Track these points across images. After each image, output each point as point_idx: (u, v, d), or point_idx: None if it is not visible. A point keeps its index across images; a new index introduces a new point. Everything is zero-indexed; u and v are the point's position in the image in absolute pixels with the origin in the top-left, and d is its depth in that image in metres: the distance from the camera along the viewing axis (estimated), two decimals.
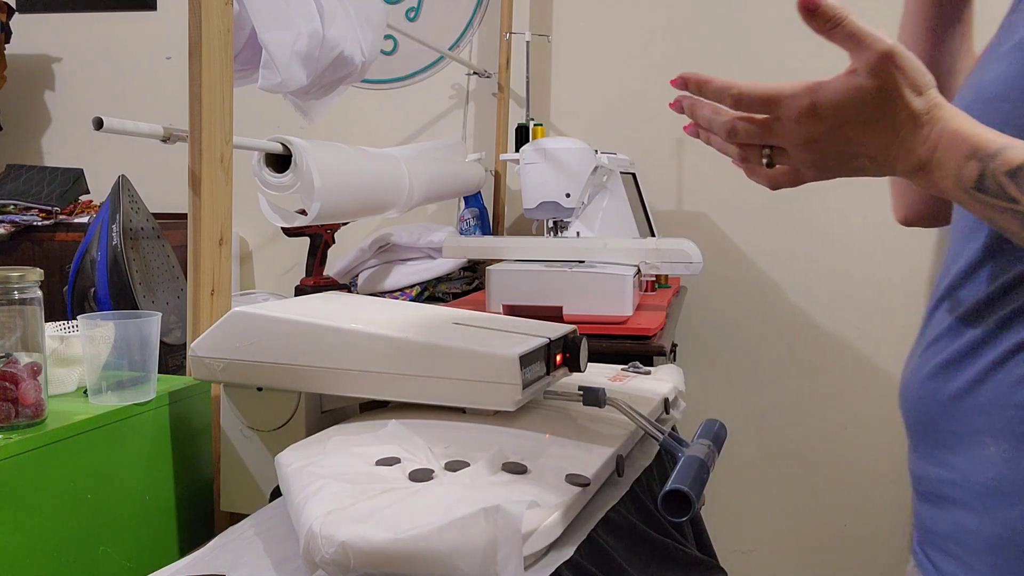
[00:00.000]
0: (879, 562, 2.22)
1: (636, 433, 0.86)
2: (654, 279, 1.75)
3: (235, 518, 0.91)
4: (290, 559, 0.67)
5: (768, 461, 2.27)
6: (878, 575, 2.22)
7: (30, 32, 2.65)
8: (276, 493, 0.81)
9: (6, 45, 2.56)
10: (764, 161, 0.60)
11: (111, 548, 0.85)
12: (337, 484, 0.65)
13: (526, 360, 0.80)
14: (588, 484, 0.70)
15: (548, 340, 0.86)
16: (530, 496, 0.62)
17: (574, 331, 0.93)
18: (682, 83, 0.61)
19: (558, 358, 0.88)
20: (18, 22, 2.60)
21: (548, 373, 0.86)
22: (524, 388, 0.79)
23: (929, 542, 0.67)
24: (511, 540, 0.57)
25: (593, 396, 0.84)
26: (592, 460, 0.75)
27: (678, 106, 0.63)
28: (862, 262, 2.16)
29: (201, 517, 0.98)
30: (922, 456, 0.68)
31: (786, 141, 0.58)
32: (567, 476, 0.70)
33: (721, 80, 0.58)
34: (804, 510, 2.26)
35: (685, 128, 0.64)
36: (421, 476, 0.67)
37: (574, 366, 0.90)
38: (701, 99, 0.61)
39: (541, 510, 0.61)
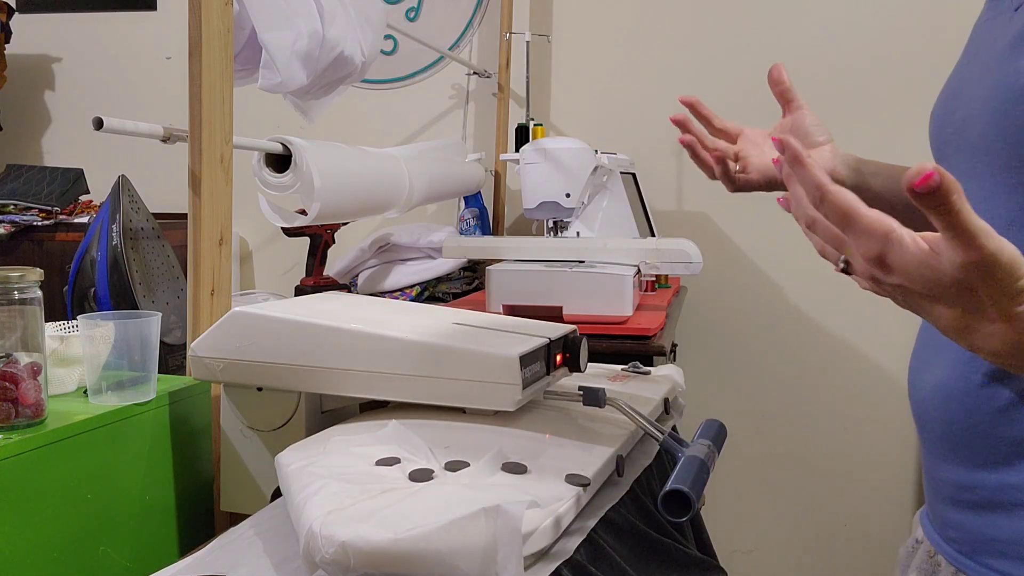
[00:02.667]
0: (879, 562, 2.22)
1: (636, 433, 0.86)
2: (654, 279, 1.75)
3: (235, 518, 0.91)
4: (290, 559, 0.67)
5: (768, 461, 2.27)
6: (878, 575, 2.22)
7: (30, 32, 2.65)
8: (277, 494, 0.81)
9: (6, 45, 2.56)
10: (840, 267, 0.55)
11: (111, 548, 0.85)
12: (337, 484, 0.65)
13: (526, 360, 0.80)
14: (588, 484, 0.70)
15: (548, 340, 0.86)
16: (530, 496, 0.62)
17: (574, 331, 0.93)
18: (780, 146, 0.55)
19: (558, 358, 0.88)
20: (18, 22, 2.60)
21: (548, 373, 0.86)
22: (524, 388, 0.79)
23: (990, 551, 0.65)
24: (511, 540, 0.57)
25: (593, 396, 0.84)
26: (592, 460, 0.75)
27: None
28: None
29: (201, 517, 0.98)
30: (968, 464, 0.66)
31: (856, 266, 0.53)
32: (567, 476, 0.70)
33: (815, 171, 0.52)
34: (804, 510, 2.26)
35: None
36: (421, 476, 0.67)
37: (574, 366, 0.90)
38: (795, 180, 0.55)
39: (541, 510, 0.61)
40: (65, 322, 0.99)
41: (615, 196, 1.89)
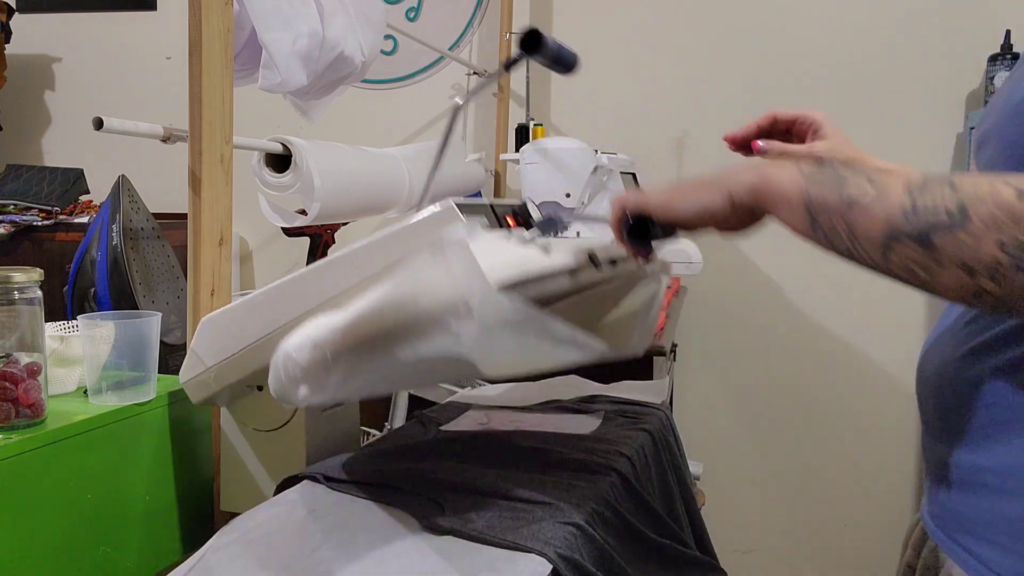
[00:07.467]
0: (879, 562, 2.22)
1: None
2: None
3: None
4: (289, 564, 0.67)
5: (768, 461, 2.27)
6: (878, 575, 2.22)
7: (30, 32, 2.65)
8: (279, 490, 0.81)
9: (6, 45, 2.56)
10: None
11: (111, 548, 0.85)
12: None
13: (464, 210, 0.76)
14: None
15: (489, 204, 0.82)
16: None
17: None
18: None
19: (510, 220, 0.84)
20: (18, 22, 2.60)
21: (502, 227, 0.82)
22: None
23: (962, 529, 0.67)
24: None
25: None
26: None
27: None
28: None
29: (201, 517, 0.98)
30: (949, 442, 0.68)
31: None
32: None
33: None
34: (804, 510, 2.26)
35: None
36: None
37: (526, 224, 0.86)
38: None
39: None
40: (65, 322, 0.99)
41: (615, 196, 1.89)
